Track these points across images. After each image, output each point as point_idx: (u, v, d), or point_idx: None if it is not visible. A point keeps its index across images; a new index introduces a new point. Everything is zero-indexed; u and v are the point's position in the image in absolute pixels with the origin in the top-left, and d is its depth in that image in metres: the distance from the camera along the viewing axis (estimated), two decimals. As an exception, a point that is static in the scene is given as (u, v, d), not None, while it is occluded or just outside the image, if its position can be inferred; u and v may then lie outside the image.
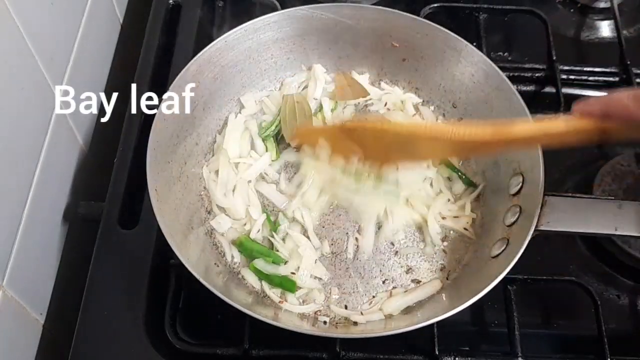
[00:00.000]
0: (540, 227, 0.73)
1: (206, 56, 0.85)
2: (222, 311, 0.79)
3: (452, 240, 0.84)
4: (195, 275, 0.69)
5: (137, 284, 0.77)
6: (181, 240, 0.75)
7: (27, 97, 0.74)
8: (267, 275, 0.79)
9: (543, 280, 0.81)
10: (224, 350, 0.75)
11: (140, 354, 0.74)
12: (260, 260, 0.79)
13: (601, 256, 0.88)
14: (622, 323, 0.83)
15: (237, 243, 0.81)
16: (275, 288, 0.79)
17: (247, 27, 0.88)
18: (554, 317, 0.84)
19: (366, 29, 0.91)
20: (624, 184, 0.89)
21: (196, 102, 0.85)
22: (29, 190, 0.75)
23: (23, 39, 0.72)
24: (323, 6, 0.90)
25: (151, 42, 0.96)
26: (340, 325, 0.77)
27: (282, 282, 0.78)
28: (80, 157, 0.90)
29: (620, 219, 0.73)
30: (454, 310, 0.68)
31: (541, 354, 0.81)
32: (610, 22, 1.09)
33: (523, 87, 0.98)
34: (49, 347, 0.79)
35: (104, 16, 0.98)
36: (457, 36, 0.87)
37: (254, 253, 0.80)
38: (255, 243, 0.81)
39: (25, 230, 0.74)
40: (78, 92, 0.87)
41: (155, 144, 0.77)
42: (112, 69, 1.00)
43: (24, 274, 0.74)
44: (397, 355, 0.76)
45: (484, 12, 1.04)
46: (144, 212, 0.82)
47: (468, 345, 0.81)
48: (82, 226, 0.85)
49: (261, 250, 0.80)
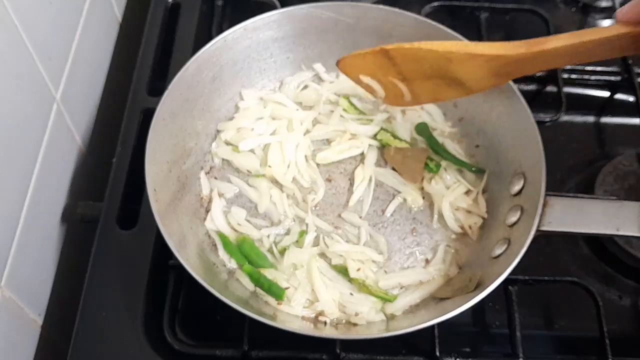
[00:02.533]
0: (542, 228, 0.73)
1: (205, 55, 0.85)
2: (222, 312, 0.79)
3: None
4: (194, 276, 0.68)
5: (136, 284, 0.77)
6: (180, 241, 0.75)
7: (26, 96, 0.74)
8: (257, 278, 0.77)
9: (544, 280, 0.81)
10: (223, 352, 0.75)
11: (139, 355, 0.73)
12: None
13: (603, 257, 0.87)
14: (623, 324, 0.83)
15: (238, 241, 0.81)
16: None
17: (247, 26, 0.87)
18: (556, 318, 0.84)
19: (366, 28, 0.90)
20: (626, 184, 0.89)
21: (195, 102, 0.85)
22: (27, 190, 0.75)
23: (21, 39, 0.71)
24: (323, 5, 0.89)
25: (150, 41, 0.96)
26: (340, 326, 0.77)
27: (270, 287, 0.76)
28: (78, 157, 0.90)
29: (622, 220, 0.73)
30: (455, 311, 0.68)
31: (542, 355, 0.81)
32: (612, 21, 1.08)
33: (524, 86, 0.97)
34: (47, 347, 0.79)
35: (103, 15, 0.98)
36: (458, 35, 0.86)
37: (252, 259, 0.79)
38: (256, 249, 0.80)
39: (23, 231, 0.73)
40: (77, 92, 0.87)
41: (154, 143, 0.77)
42: (110, 68, 1.00)
43: (22, 274, 0.73)
44: (398, 357, 0.76)
45: (485, 11, 1.03)
46: (142, 212, 0.81)
47: (469, 346, 0.81)
48: (80, 226, 0.85)
49: (259, 261, 0.79)
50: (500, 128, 0.85)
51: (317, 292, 0.77)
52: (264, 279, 0.77)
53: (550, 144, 0.78)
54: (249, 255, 0.79)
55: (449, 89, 0.75)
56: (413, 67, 0.73)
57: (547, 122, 0.90)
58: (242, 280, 0.78)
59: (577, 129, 0.99)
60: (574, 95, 0.98)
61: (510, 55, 0.65)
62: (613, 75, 0.99)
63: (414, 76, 0.75)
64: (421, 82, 0.74)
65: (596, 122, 1.00)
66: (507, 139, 0.84)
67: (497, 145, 0.86)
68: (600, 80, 1.00)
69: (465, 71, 0.70)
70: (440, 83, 0.74)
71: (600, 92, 1.01)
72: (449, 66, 0.70)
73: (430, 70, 0.73)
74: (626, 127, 0.99)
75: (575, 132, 0.98)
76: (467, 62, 0.68)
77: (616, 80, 0.99)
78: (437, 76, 0.73)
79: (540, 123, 0.81)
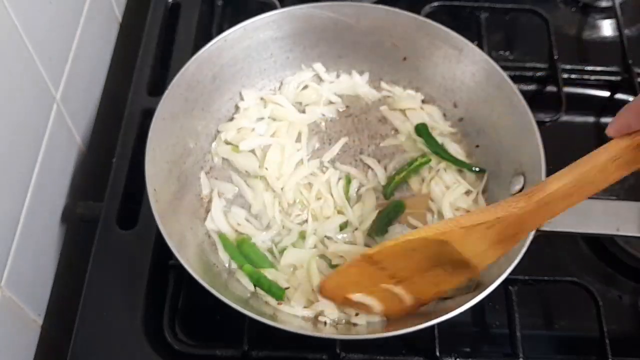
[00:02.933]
0: (542, 228, 0.72)
1: (205, 55, 0.85)
2: (222, 312, 0.78)
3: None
4: (194, 276, 0.68)
5: (136, 284, 0.77)
6: (180, 241, 0.75)
7: (25, 96, 0.74)
8: (257, 278, 0.77)
9: (544, 280, 0.81)
10: (223, 352, 0.75)
11: (139, 355, 0.73)
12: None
13: (603, 257, 0.87)
14: (623, 324, 0.83)
15: (238, 242, 0.81)
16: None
17: (247, 25, 0.87)
18: (556, 318, 0.84)
19: (366, 28, 0.90)
20: (626, 184, 0.89)
21: (195, 102, 0.85)
22: (27, 190, 0.75)
23: (21, 39, 0.71)
24: (323, 5, 0.89)
25: (150, 41, 0.96)
26: (340, 327, 0.76)
27: (270, 287, 0.76)
28: (78, 157, 0.90)
29: (622, 219, 0.73)
30: (455, 311, 0.68)
31: (542, 354, 0.81)
32: (612, 21, 1.09)
33: (524, 86, 0.97)
34: (48, 348, 0.79)
35: (103, 15, 0.98)
36: (458, 35, 0.87)
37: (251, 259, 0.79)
38: (256, 249, 0.80)
39: (23, 231, 0.73)
40: (77, 92, 0.87)
41: (154, 143, 0.77)
42: (110, 68, 1.00)
43: (22, 274, 0.73)
44: (398, 357, 0.76)
45: (485, 11, 1.03)
46: (142, 212, 0.81)
47: (469, 346, 0.81)
48: (80, 226, 0.85)
49: (259, 261, 0.79)
50: (500, 128, 0.85)
51: (317, 292, 0.77)
52: (264, 279, 0.77)
53: (550, 144, 0.78)
54: (249, 255, 0.79)
55: (453, 276, 0.65)
56: (405, 265, 0.64)
57: (547, 122, 0.90)
58: (242, 280, 0.78)
59: (577, 129, 0.99)
60: (574, 95, 0.98)
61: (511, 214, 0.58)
62: (613, 75, 0.99)
63: (409, 274, 0.66)
64: (420, 278, 0.65)
65: (596, 122, 1.00)
66: (507, 139, 0.84)
67: (497, 145, 0.86)
68: (600, 80, 1.00)
69: (465, 249, 0.61)
70: (441, 272, 0.65)
71: (600, 92, 1.01)
72: (445, 249, 0.61)
73: (425, 261, 0.63)
74: (626, 127, 0.99)
75: (575, 132, 0.98)
76: (465, 238, 0.60)
77: (616, 80, 0.99)
78: (436, 265, 0.64)
79: (540, 123, 0.81)
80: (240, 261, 0.79)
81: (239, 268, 0.79)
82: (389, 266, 0.65)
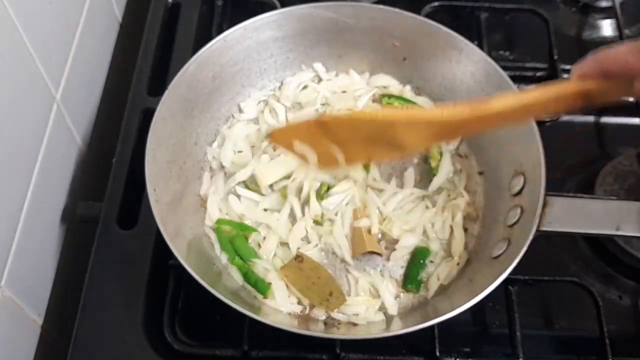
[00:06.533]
0: (542, 228, 0.72)
1: (205, 55, 0.85)
2: (222, 312, 0.78)
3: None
4: (194, 276, 0.68)
5: (136, 284, 0.77)
6: (180, 241, 0.75)
7: (25, 96, 0.74)
8: (245, 272, 0.78)
9: (544, 281, 0.81)
10: (223, 352, 0.75)
11: (139, 355, 0.73)
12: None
13: (603, 257, 0.87)
14: (623, 324, 0.83)
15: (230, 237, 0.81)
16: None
17: (247, 25, 0.87)
18: (556, 318, 0.84)
19: (366, 28, 0.90)
20: (626, 184, 0.88)
21: (195, 102, 0.85)
22: (27, 191, 0.75)
23: (21, 38, 0.71)
24: (323, 5, 0.89)
25: (150, 41, 0.96)
26: (340, 326, 0.76)
27: (256, 282, 0.77)
28: (78, 157, 0.90)
29: (622, 219, 0.73)
30: (455, 311, 0.68)
31: (542, 355, 0.80)
32: (612, 21, 1.08)
33: (524, 86, 0.97)
34: (47, 348, 0.79)
35: (103, 15, 0.98)
36: (458, 35, 0.87)
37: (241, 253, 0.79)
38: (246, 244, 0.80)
39: (23, 231, 0.73)
40: (77, 92, 0.87)
41: (154, 143, 0.77)
42: (110, 68, 1.00)
43: (22, 274, 0.73)
44: (398, 357, 0.76)
45: (485, 11, 1.03)
46: (142, 212, 0.81)
47: (469, 346, 0.80)
48: (80, 226, 0.85)
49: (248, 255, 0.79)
50: (500, 128, 0.85)
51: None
52: (251, 273, 0.77)
53: (550, 144, 0.78)
54: (240, 250, 0.80)
55: (384, 152, 0.73)
56: (350, 134, 0.72)
57: (547, 122, 0.90)
58: (235, 276, 0.79)
59: (577, 129, 0.99)
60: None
61: (452, 120, 0.63)
62: (613, 75, 0.99)
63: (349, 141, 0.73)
64: (356, 147, 0.73)
65: (596, 122, 1.00)
66: (507, 139, 0.83)
67: (497, 145, 0.86)
68: (601, 80, 0.99)
69: (405, 136, 0.68)
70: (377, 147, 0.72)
71: (600, 92, 1.01)
72: (389, 132, 0.69)
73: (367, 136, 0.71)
74: (626, 127, 0.99)
75: (575, 132, 0.98)
76: (409, 128, 0.67)
77: (616, 80, 0.99)
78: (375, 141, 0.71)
79: (540, 123, 0.81)
80: (232, 255, 0.79)
81: (230, 262, 0.79)
82: (337, 132, 0.72)
